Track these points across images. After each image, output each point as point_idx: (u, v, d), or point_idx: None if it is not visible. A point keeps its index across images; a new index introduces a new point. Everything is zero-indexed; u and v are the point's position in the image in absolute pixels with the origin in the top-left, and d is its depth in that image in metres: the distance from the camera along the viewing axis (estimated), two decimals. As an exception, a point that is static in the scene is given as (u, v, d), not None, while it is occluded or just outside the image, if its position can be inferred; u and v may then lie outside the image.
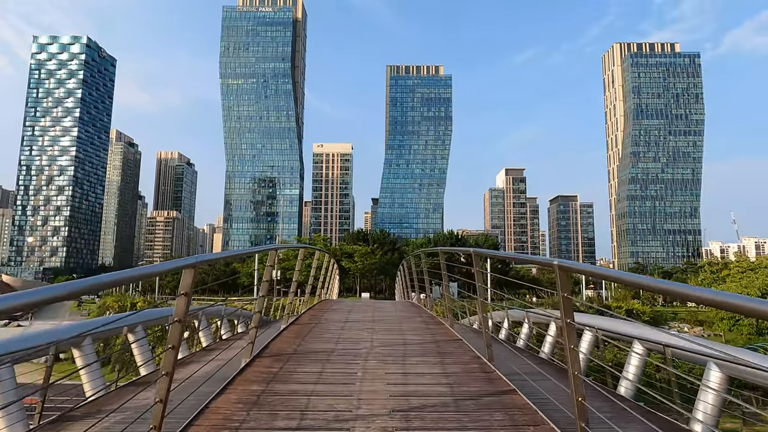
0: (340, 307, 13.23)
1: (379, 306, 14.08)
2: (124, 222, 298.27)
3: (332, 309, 12.70)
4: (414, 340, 8.62)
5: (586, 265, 4.08)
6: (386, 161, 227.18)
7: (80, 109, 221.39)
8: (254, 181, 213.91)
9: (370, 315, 11.17)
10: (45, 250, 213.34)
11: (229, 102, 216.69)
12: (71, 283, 2.47)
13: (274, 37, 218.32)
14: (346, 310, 12.37)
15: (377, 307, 13.30)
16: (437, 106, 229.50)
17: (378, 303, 15.55)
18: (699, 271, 75.65)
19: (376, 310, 12.46)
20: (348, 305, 14.00)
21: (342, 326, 9.73)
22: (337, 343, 8.33)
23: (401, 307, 13.98)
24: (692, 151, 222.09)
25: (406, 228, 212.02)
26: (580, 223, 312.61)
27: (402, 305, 14.51)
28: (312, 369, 6.53)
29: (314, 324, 10.28)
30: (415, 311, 12.54)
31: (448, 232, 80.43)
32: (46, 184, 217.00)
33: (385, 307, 13.79)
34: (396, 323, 10.35)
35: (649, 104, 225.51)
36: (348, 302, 16.54)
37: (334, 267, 19.81)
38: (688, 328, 47.33)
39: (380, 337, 8.89)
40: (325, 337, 8.94)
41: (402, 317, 11.32)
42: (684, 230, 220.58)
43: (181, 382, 5.04)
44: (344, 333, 9.21)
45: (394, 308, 13.59)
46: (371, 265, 64.48)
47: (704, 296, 2.40)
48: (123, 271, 3.22)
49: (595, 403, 4.57)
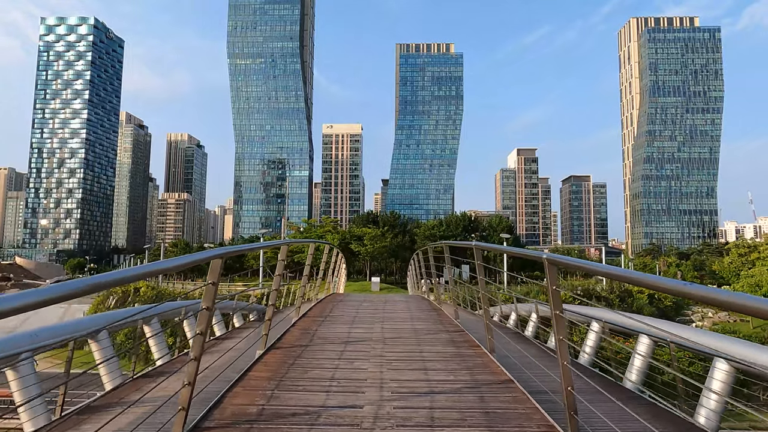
0: (342, 315, 10.65)
1: (390, 309, 11.95)
2: (135, 204, 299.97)
3: (331, 321, 9.85)
4: (442, 383, 5.69)
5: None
6: (396, 141, 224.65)
7: (89, 91, 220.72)
8: (264, 163, 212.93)
9: (378, 329, 8.77)
10: (58, 232, 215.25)
11: (238, 82, 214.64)
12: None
13: (282, 16, 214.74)
14: (347, 323, 9.45)
15: (387, 312, 11.09)
16: (448, 85, 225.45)
17: (389, 301, 13.71)
18: (724, 252, 73.16)
19: (386, 319, 9.96)
20: (353, 308, 11.87)
21: (341, 353, 6.93)
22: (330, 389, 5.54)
23: (416, 308, 12.10)
24: (710, 130, 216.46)
25: (417, 209, 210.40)
26: (593, 203, 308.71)
27: (416, 305, 12.75)
28: None
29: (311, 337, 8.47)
30: (434, 317, 10.51)
31: (461, 213, 78.88)
32: (58, 166, 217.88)
33: (398, 311, 11.57)
34: (414, 345, 7.51)
35: (666, 81, 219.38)
36: (354, 298, 14.86)
37: (341, 260, 19.16)
38: (712, 314, 45.68)
39: (393, 378, 5.80)
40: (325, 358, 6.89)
41: (420, 331, 8.75)
42: (700, 210, 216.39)
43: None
44: (340, 371, 6.14)
45: (407, 311, 11.63)
46: (381, 248, 63.17)
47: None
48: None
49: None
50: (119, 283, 2.77)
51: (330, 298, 14.30)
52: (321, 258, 12.79)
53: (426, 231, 73.52)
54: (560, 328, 4.04)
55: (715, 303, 2.31)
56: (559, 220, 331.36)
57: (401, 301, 14.19)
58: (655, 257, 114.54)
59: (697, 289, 2.42)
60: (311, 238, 70.44)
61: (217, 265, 4.25)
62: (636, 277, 2.95)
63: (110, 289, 36.98)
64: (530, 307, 13.58)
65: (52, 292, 2.27)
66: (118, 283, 2.72)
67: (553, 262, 4.16)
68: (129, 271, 2.96)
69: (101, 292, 53.27)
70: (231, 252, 4.52)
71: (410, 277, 23.32)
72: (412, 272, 22.49)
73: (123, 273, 2.80)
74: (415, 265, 18.54)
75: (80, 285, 2.49)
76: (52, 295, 2.27)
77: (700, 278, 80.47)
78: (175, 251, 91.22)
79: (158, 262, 3.49)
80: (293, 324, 9.00)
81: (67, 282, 2.36)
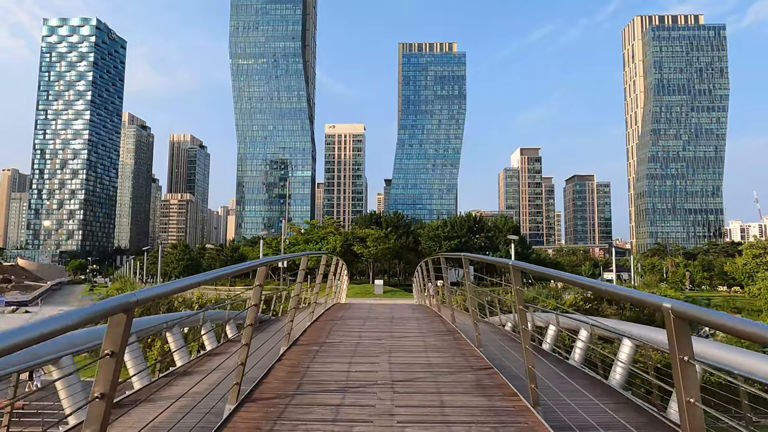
0: (341, 342, 8.89)
1: (399, 330, 10.25)
2: (138, 205, 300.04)
3: (327, 351, 8.10)
4: None
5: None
6: (399, 141, 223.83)
7: (92, 92, 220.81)
8: (266, 163, 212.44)
9: (385, 364, 6.88)
10: (61, 233, 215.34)
11: (240, 82, 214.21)
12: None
13: (284, 16, 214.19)
14: (347, 354, 7.78)
15: (395, 336, 9.38)
16: (451, 84, 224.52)
17: (396, 318, 12.24)
18: (736, 253, 71.73)
19: (394, 348, 8.15)
20: (355, 328, 10.46)
21: (336, 412, 5.27)
22: None
23: (428, 330, 10.40)
24: (716, 128, 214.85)
25: (420, 209, 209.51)
26: (597, 203, 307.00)
27: (428, 326, 11.08)
28: None
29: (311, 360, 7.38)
30: (451, 343, 8.71)
31: (465, 214, 77.68)
32: (61, 167, 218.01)
33: (407, 333, 9.84)
34: (433, 394, 5.88)
35: (671, 79, 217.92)
36: (357, 313, 13.36)
37: (343, 269, 18.38)
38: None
39: None
40: None
41: (437, 368, 6.90)
42: (705, 210, 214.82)
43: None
44: None
45: (419, 333, 9.94)
46: (385, 249, 62.15)
47: None
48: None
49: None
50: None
51: (330, 312, 13.17)
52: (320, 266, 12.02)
53: (430, 232, 72.48)
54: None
55: None
56: (562, 220, 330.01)
57: (410, 318, 12.60)
58: (660, 257, 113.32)
59: None
60: (314, 240, 69.65)
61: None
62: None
63: (106, 292, 36.15)
64: (548, 317, 12.63)
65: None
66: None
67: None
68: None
69: (106, 288, 52.58)
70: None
71: (416, 285, 22.38)
72: (418, 280, 21.62)
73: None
74: (423, 273, 17.81)
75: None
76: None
77: (709, 279, 79.39)
78: (174, 253, 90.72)
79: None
80: (280, 357, 7.30)
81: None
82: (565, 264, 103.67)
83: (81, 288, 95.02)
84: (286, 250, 66.73)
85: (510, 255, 63.93)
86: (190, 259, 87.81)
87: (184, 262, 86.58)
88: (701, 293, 63.12)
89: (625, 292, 2.86)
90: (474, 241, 71.24)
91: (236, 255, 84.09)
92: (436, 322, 11.64)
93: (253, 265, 5.10)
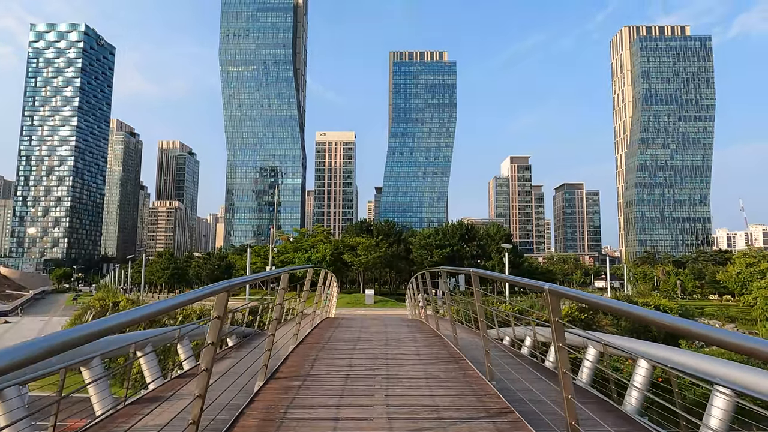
0: (328, 374, 7.72)
1: (395, 357, 8.79)
2: (126, 212, 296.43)
3: (311, 387, 6.88)
4: None
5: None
6: (390, 149, 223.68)
7: (79, 98, 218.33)
8: (256, 170, 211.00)
9: (382, 408, 5.69)
10: (46, 241, 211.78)
11: (230, 89, 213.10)
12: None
13: (275, 23, 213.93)
14: (335, 393, 6.50)
15: (391, 366, 8.07)
16: (441, 93, 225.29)
17: (391, 341, 10.66)
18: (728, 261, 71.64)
19: (391, 382, 7.10)
20: (345, 355, 8.98)
21: None
22: None
23: (428, 355, 9.09)
24: (702, 137, 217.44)
25: (410, 217, 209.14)
26: (586, 211, 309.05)
27: (428, 350, 9.63)
28: None
29: None
30: (457, 374, 7.59)
31: (457, 222, 76.94)
32: (47, 174, 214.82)
33: (405, 360, 8.57)
34: None
35: (659, 89, 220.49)
36: (347, 334, 11.82)
37: (333, 282, 17.38)
38: (719, 326, 44.16)
39: None
40: None
41: (445, 412, 5.75)
42: (693, 218, 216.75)
43: None
44: None
45: (417, 360, 8.67)
46: (376, 258, 61.17)
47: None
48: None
49: None
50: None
51: (317, 332, 11.89)
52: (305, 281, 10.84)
53: (422, 240, 71.67)
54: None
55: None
56: (552, 228, 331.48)
57: (407, 339, 11.16)
58: (650, 265, 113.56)
59: None
60: (304, 248, 68.57)
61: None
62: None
63: (88, 303, 34.92)
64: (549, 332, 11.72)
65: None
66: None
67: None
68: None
69: (91, 296, 50.76)
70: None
71: (409, 297, 21.38)
72: (412, 293, 20.60)
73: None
74: (419, 286, 17.20)
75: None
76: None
77: (700, 287, 79.48)
78: (160, 261, 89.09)
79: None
80: (253, 398, 5.96)
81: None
82: (556, 272, 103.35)
83: (65, 297, 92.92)
84: (274, 258, 65.54)
85: (504, 263, 63.37)
86: (175, 267, 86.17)
87: (169, 271, 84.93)
88: (693, 302, 62.80)
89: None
90: (466, 250, 70.51)
91: (224, 264, 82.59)
92: (437, 344, 10.35)
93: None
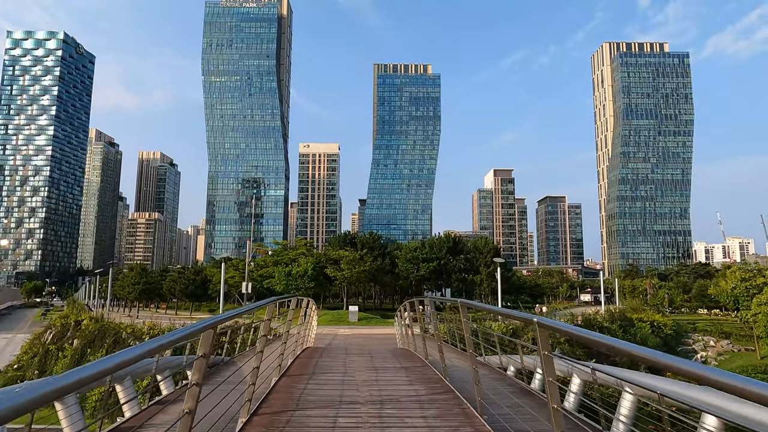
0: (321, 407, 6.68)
1: (391, 415, 6.48)
2: (104, 224, 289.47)
3: None
4: None
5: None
6: (374, 161, 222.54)
7: (56, 106, 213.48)
8: (238, 182, 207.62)
9: None
10: (19, 253, 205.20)
11: (212, 100, 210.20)
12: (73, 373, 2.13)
13: (259, 34, 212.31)
14: None
15: (386, 417, 6.25)
16: (425, 106, 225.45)
17: (384, 390, 7.99)
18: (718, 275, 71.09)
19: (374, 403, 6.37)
20: (328, 419, 6.41)
21: None
22: None
23: (434, 416, 6.47)
24: (682, 152, 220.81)
25: (395, 229, 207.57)
26: (569, 224, 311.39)
27: (430, 404, 7.06)
28: None
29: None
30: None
31: (444, 234, 75.47)
32: (21, 184, 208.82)
33: (405, 411, 6.68)
34: None
35: (639, 104, 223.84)
36: (330, 379, 8.99)
37: (313, 310, 15.37)
38: (715, 342, 43.05)
39: None
40: None
41: None
42: (674, 231, 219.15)
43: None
44: None
45: (422, 420, 6.38)
46: (360, 272, 59.15)
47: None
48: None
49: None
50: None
51: (293, 372, 9.65)
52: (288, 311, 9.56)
53: (408, 253, 69.85)
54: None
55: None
56: (535, 241, 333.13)
57: (403, 384, 8.54)
58: (633, 278, 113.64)
59: None
60: (284, 262, 66.22)
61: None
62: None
63: (48, 323, 32.43)
64: (534, 361, 10.53)
65: None
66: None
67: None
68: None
69: (61, 312, 47.46)
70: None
71: (398, 324, 19.47)
72: (399, 320, 18.97)
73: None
74: (402, 318, 16.24)
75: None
76: None
77: (689, 301, 79.10)
78: (130, 276, 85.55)
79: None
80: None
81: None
82: (544, 286, 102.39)
83: (34, 312, 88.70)
84: (253, 273, 63.03)
85: (493, 277, 61.96)
86: (147, 282, 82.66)
87: (140, 285, 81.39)
88: (683, 317, 62.00)
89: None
90: (453, 264, 68.94)
91: (199, 278, 79.43)
92: (438, 391, 7.85)
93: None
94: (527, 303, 77.40)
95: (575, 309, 62.22)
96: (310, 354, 12.95)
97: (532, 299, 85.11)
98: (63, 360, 25.17)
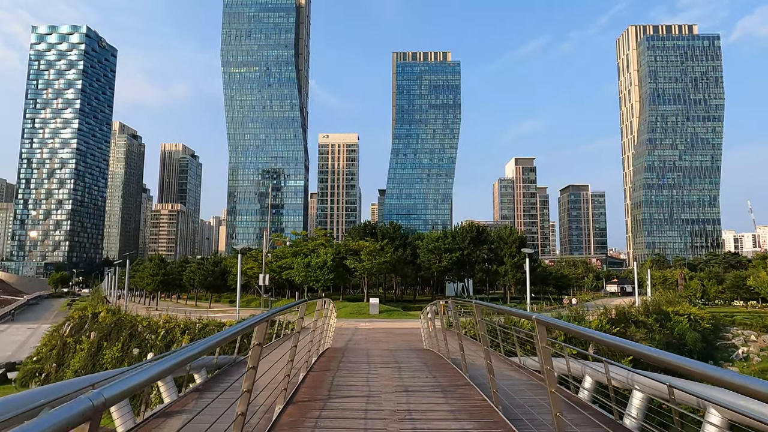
0: None
1: (420, 424, 5.95)
2: (128, 215, 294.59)
3: None
4: None
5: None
6: (393, 151, 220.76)
7: (81, 100, 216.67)
8: (258, 173, 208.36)
9: None
10: (47, 244, 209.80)
11: (232, 91, 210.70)
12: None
13: (277, 24, 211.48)
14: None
15: None
16: (445, 94, 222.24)
17: (412, 400, 7.20)
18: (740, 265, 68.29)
19: None
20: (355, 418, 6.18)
21: None
22: None
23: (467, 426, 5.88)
24: (711, 138, 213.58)
25: (414, 219, 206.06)
26: (592, 213, 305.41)
27: (467, 415, 6.32)
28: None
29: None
30: None
31: (467, 224, 73.91)
32: (48, 177, 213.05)
33: None
34: None
35: (666, 89, 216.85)
36: (352, 388, 8.34)
37: (331, 311, 14.70)
38: (756, 336, 40.88)
39: None
40: None
41: None
42: (702, 220, 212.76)
43: None
44: None
45: None
46: (381, 263, 57.96)
47: None
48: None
49: None
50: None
51: (312, 382, 8.72)
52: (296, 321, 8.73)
53: (429, 244, 68.44)
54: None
55: None
56: (557, 230, 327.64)
57: (444, 419, 6.49)
58: (660, 268, 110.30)
59: None
60: (303, 252, 65.55)
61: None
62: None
63: (69, 314, 32.21)
64: (580, 367, 9.43)
65: None
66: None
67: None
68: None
69: (85, 302, 47.56)
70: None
71: (423, 323, 18.39)
72: (425, 319, 18.10)
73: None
74: (429, 318, 15.63)
75: None
76: None
77: (723, 292, 76.02)
78: (149, 267, 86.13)
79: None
80: None
81: None
82: (570, 276, 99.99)
83: (61, 302, 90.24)
84: (272, 264, 62.54)
85: (521, 268, 60.39)
86: (165, 273, 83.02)
87: (159, 277, 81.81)
88: (718, 309, 59.45)
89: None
90: (477, 254, 67.35)
91: (218, 269, 79.28)
92: (475, 413, 6.56)
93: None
94: (554, 294, 75.37)
95: (604, 300, 60.23)
96: (326, 363, 11.49)
97: (557, 290, 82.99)
98: (80, 353, 24.82)
